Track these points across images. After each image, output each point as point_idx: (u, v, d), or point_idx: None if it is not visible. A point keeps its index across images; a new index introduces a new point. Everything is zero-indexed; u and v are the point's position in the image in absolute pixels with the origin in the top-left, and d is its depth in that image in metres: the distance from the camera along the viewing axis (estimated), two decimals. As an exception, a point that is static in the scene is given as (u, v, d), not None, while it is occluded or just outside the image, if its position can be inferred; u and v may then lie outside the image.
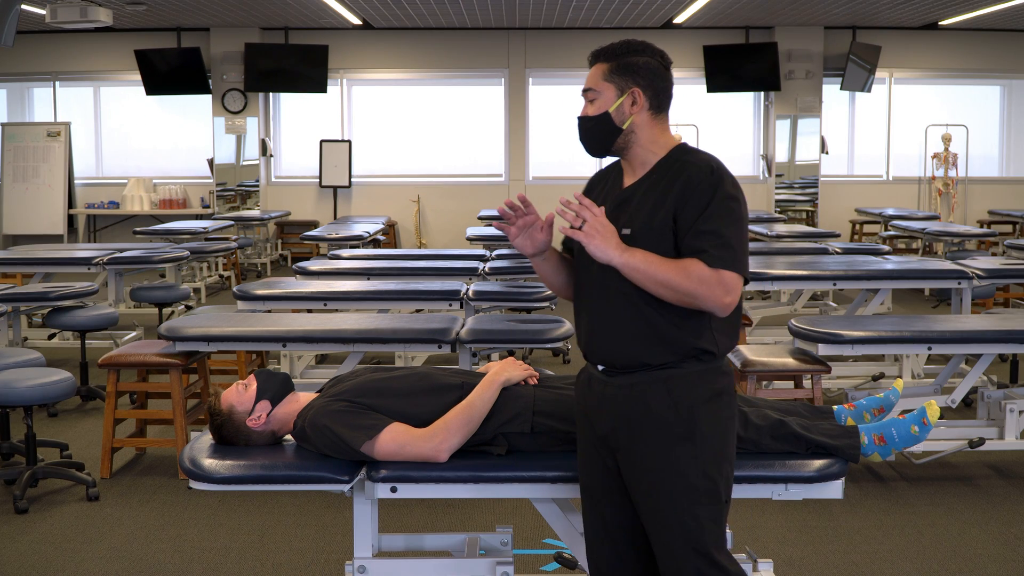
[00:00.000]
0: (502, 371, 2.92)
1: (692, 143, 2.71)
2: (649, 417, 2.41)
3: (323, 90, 13.74)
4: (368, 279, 6.39)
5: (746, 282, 2.37)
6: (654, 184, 2.45)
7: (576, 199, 2.40)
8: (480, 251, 7.90)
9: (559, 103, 14.55)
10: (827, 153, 13.99)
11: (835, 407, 3.00)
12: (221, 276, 11.39)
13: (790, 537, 4.06)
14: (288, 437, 3.02)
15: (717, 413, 2.42)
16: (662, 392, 2.41)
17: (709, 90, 13.78)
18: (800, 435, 2.79)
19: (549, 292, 5.79)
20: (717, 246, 2.32)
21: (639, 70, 2.45)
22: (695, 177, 2.38)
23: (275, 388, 3.01)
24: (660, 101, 2.48)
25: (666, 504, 2.41)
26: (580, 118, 2.52)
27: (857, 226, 13.55)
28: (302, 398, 3.03)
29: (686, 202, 2.37)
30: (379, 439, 2.78)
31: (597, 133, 2.50)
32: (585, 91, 2.50)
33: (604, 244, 2.34)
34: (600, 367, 2.51)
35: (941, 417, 5.42)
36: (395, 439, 2.79)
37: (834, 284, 6.31)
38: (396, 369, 3.08)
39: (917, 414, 2.85)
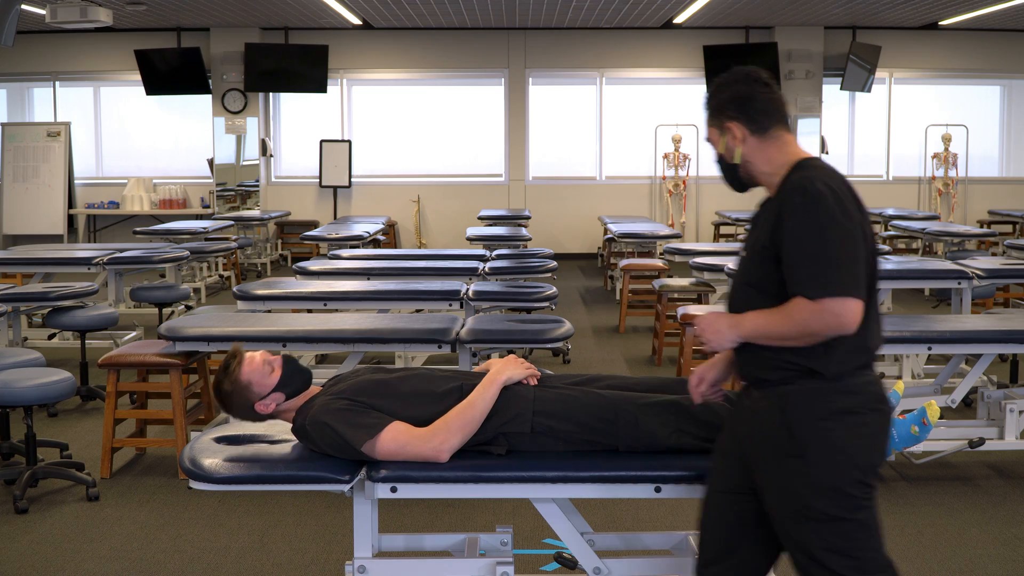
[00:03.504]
0: (503, 370, 2.92)
1: (693, 144, 2.72)
2: (764, 432, 2.42)
3: (323, 90, 13.74)
4: (368, 279, 6.39)
5: (859, 294, 2.28)
6: (770, 208, 2.47)
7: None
8: (480, 251, 7.90)
9: (559, 103, 14.56)
10: (827, 153, 13.99)
11: None
12: (221, 276, 11.39)
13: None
14: (290, 436, 3.02)
15: (832, 432, 2.34)
16: (775, 409, 2.40)
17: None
18: None
19: (549, 292, 5.79)
20: (811, 275, 2.29)
21: (726, 105, 2.50)
22: (784, 201, 2.38)
23: (296, 385, 3.00)
24: (760, 122, 2.49)
25: (785, 520, 2.42)
26: (716, 163, 2.62)
27: (857, 226, 13.54)
28: (307, 392, 3.03)
29: (778, 228, 2.37)
30: (380, 438, 2.78)
31: (725, 174, 2.59)
32: (707, 140, 2.60)
33: (718, 338, 2.44)
34: (743, 381, 2.56)
35: (941, 417, 5.44)
36: (396, 439, 2.79)
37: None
38: (397, 370, 3.08)
39: (917, 414, 2.85)
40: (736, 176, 2.57)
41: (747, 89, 2.50)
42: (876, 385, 2.41)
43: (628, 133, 14.46)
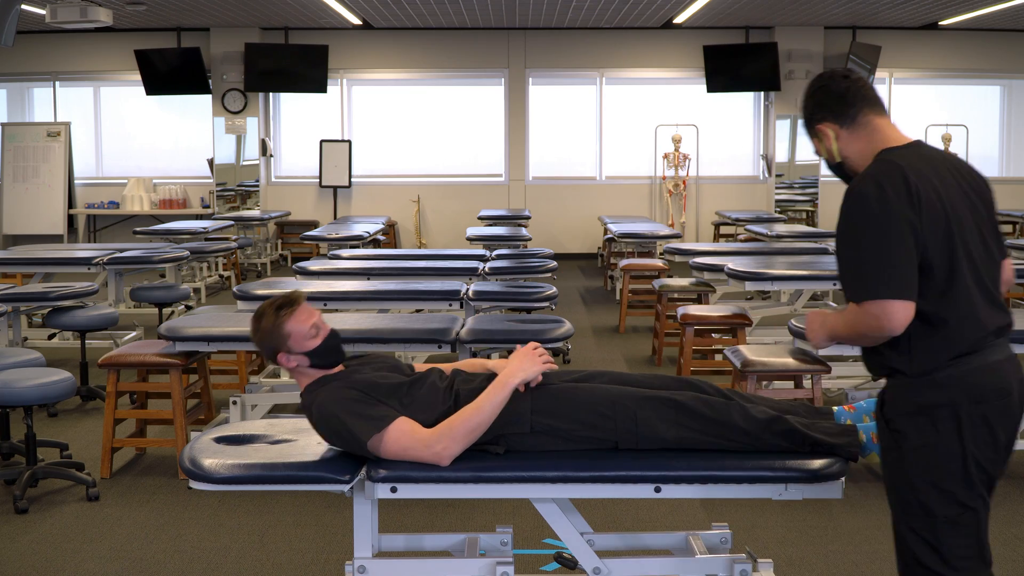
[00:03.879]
0: (516, 372, 2.84)
1: (693, 144, 2.75)
2: (878, 426, 2.51)
3: (323, 90, 13.74)
4: (368, 279, 6.39)
5: (898, 295, 2.28)
6: None
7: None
8: (480, 251, 7.90)
9: (559, 103, 14.55)
10: (827, 153, 13.99)
11: (835, 408, 3.00)
12: (221, 276, 11.39)
13: (790, 537, 4.06)
14: (295, 437, 3.03)
15: (923, 428, 2.36)
16: (880, 403, 2.49)
17: (709, 90, 13.79)
18: (799, 431, 2.79)
19: (549, 292, 5.79)
20: (852, 279, 2.36)
21: (814, 108, 2.55)
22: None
23: (326, 360, 3.00)
24: (844, 112, 2.50)
25: (892, 509, 2.48)
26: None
27: (857, 226, 13.54)
28: (331, 369, 3.02)
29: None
30: (386, 435, 2.76)
31: (836, 174, 2.61)
32: (816, 154, 2.64)
33: (813, 337, 2.53)
34: None
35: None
36: (399, 440, 2.77)
37: (834, 284, 6.30)
38: (421, 376, 3.03)
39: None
40: (841, 174, 2.59)
41: (824, 87, 2.54)
42: (975, 376, 2.34)
43: (628, 133, 14.45)
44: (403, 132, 14.54)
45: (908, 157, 2.39)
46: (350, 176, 14.14)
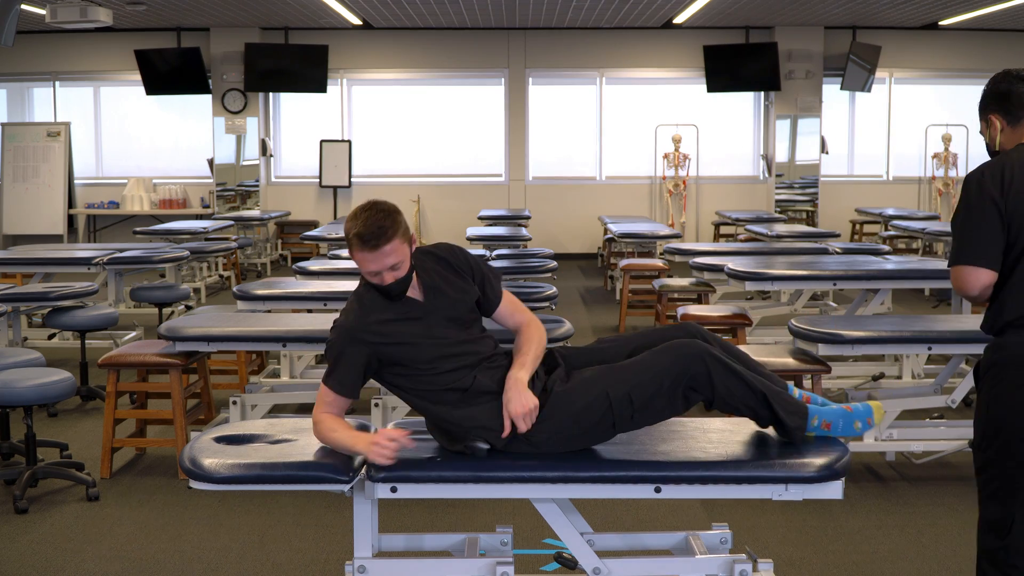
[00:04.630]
0: (371, 452, 2.77)
1: (693, 144, 2.79)
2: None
3: (323, 90, 13.75)
4: (368, 279, 6.37)
5: (977, 262, 2.69)
6: None
7: None
8: (480, 251, 7.89)
9: (559, 103, 14.56)
10: (827, 153, 13.99)
11: (789, 383, 3.01)
12: (221, 276, 11.39)
13: (790, 537, 4.06)
14: (295, 437, 3.03)
15: (986, 381, 2.75)
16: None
17: (709, 90, 13.79)
18: (764, 395, 2.83)
19: (549, 292, 5.79)
20: (951, 248, 2.80)
21: (990, 100, 2.92)
22: None
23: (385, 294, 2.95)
24: (1015, 114, 2.85)
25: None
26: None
27: (857, 226, 13.55)
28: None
29: None
30: (320, 388, 2.91)
31: (990, 156, 2.93)
32: (980, 133, 3.01)
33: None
34: None
35: (940, 416, 5.45)
36: (319, 397, 2.91)
37: (834, 284, 6.31)
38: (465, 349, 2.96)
39: (863, 412, 2.94)
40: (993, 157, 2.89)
41: (1007, 86, 2.89)
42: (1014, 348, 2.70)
43: (628, 133, 14.45)
44: (403, 132, 14.54)
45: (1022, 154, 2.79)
46: (350, 176, 14.15)
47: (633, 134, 14.43)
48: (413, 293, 2.96)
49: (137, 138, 14.58)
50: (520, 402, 2.81)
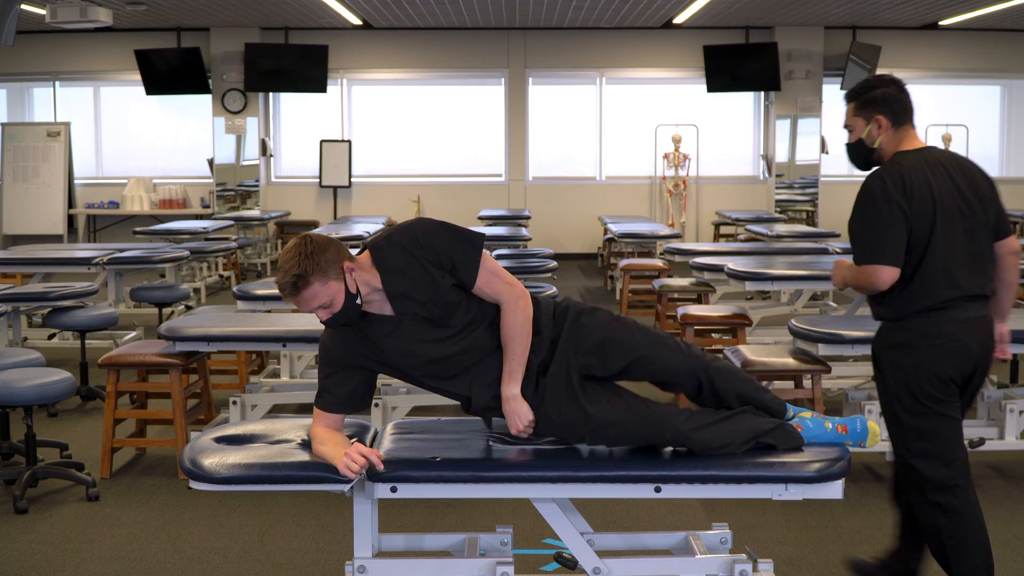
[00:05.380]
0: (339, 462, 2.76)
1: (693, 144, 2.86)
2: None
3: (323, 90, 13.74)
4: (368, 279, 6.37)
5: (886, 261, 3.05)
6: None
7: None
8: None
9: (559, 103, 14.55)
10: (827, 153, 13.99)
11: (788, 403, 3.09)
12: (221, 276, 11.38)
13: (790, 537, 4.06)
14: (295, 437, 3.04)
15: (893, 358, 3.16)
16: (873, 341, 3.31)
17: (709, 90, 13.78)
18: (748, 440, 2.90)
19: (550, 292, 5.79)
20: (857, 246, 3.14)
21: (879, 101, 3.19)
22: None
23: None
24: (899, 118, 3.19)
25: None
26: (846, 145, 3.35)
27: (857, 226, 13.53)
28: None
29: None
30: (314, 416, 2.96)
31: (858, 156, 3.32)
32: (845, 126, 3.31)
33: (836, 282, 3.32)
34: None
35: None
36: (314, 420, 2.95)
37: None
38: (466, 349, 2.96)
39: (860, 433, 3.01)
40: (868, 158, 3.28)
41: (895, 92, 3.19)
42: (934, 325, 3.10)
43: (628, 133, 14.45)
44: (403, 132, 14.54)
45: (912, 159, 3.12)
46: (350, 176, 14.15)
47: (633, 134, 14.42)
48: (381, 306, 2.90)
49: (137, 138, 14.58)
50: (517, 422, 2.92)
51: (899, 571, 3.42)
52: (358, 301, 2.83)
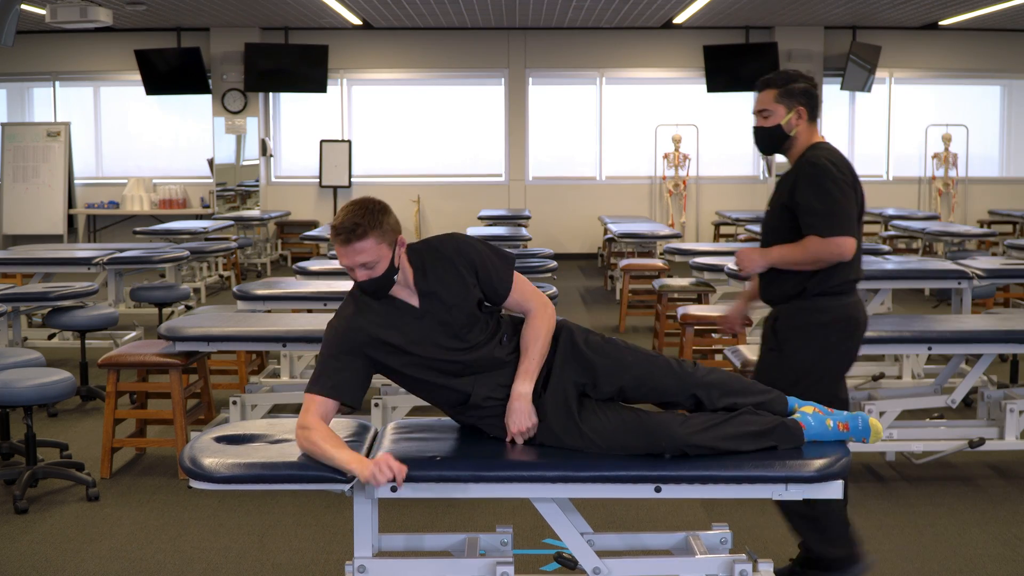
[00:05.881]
0: (366, 473, 2.72)
1: (693, 144, 2.89)
2: (764, 331, 3.54)
3: (323, 90, 13.75)
4: (368, 279, 6.37)
5: (853, 234, 3.27)
6: (788, 175, 3.41)
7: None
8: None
9: (559, 103, 14.56)
10: (827, 153, 13.97)
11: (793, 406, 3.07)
12: (221, 276, 11.39)
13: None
14: (292, 437, 3.03)
15: (803, 337, 3.35)
16: (771, 318, 3.49)
17: (709, 90, 13.79)
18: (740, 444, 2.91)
19: (550, 292, 5.80)
20: (822, 219, 3.25)
21: (804, 95, 3.41)
22: (801, 170, 3.34)
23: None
24: (813, 113, 3.43)
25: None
26: (757, 128, 3.47)
27: (857, 226, 13.53)
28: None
29: (796, 189, 3.31)
30: (305, 405, 2.87)
31: (771, 140, 3.46)
32: (760, 111, 3.44)
33: (751, 264, 3.44)
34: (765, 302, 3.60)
35: (940, 417, 5.45)
36: (305, 407, 2.87)
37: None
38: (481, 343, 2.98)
39: (863, 430, 2.98)
40: (776, 144, 3.45)
41: (812, 88, 3.44)
42: (850, 309, 3.37)
43: (628, 133, 14.45)
44: (403, 132, 14.54)
45: (834, 151, 3.39)
46: (350, 176, 14.15)
47: (633, 134, 14.43)
48: (408, 297, 2.95)
49: (137, 138, 14.58)
50: (521, 421, 2.91)
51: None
52: (395, 277, 2.89)
